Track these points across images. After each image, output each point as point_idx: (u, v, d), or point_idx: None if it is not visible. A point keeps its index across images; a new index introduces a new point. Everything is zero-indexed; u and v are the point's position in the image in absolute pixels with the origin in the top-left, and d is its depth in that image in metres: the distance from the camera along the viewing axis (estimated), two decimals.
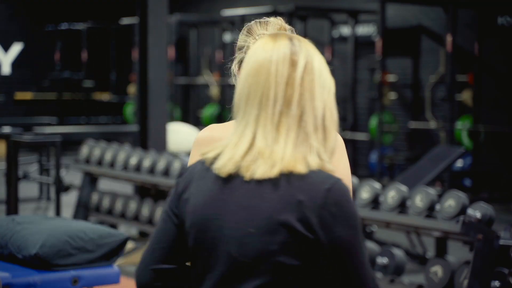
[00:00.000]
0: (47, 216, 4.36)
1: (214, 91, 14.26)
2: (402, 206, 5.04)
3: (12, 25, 16.26)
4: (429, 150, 8.51)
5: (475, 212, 4.53)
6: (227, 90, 13.78)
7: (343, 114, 12.53)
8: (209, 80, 14.48)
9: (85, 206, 7.55)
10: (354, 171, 11.47)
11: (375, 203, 5.19)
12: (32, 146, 10.41)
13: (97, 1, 17.20)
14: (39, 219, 4.11)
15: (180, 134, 9.43)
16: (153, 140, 7.82)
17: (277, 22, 2.28)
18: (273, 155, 1.76)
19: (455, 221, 4.63)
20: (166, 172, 6.77)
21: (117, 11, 16.47)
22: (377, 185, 5.26)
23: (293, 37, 1.85)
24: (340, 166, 2.27)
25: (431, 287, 4.84)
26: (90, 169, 7.55)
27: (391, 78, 11.70)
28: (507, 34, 10.62)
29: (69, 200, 8.72)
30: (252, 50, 1.85)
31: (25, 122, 11.16)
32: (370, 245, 5.34)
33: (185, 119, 14.59)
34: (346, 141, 3.05)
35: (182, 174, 1.88)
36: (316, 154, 1.78)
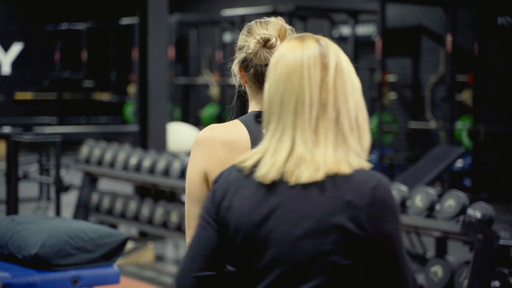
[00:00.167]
0: (47, 216, 4.36)
1: (214, 91, 14.26)
2: (402, 206, 5.03)
3: (12, 25, 16.26)
4: (429, 150, 8.50)
5: (475, 212, 4.53)
6: (227, 90, 13.78)
7: None
8: (209, 80, 14.47)
9: (85, 206, 7.55)
10: None
11: None
12: (32, 146, 10.41)
13: (97, 1, 17.20)
14: (39, 219, 4.11)
15: (180, 134, 9.42)
16: (153, 140, 7.81)
17: (277, 22, 2.28)
18: (315, 159, 1.78)
19: (455, 221, 4.63)
20: (166, 172, 6.77)
21: (117, 11, 16.47)
22: None
23: (319, 38, 1.86)
24: None
25: (431, 287, 4.84)
26: (90, 169, 7.55)
27: (391, 78, 11.71)
28: (507, 34, 10.62)
29: (69, 200, 8.72)
30: (279, 54, 1.85)
31: (25, 122, 11.17)
32: None
33: (185, 119, 14.59)
34: None
35: (217, 182, 1.88)
36: (355, 154, 1.83)
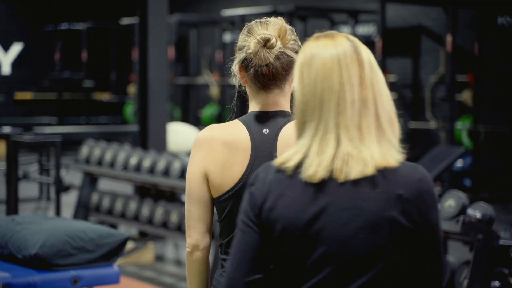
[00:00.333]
0: (47, 216, 4.36)
1: (214, 91, 14.26)
2: None
3: (12, 25, 16.26)
4: (429, 150, 8.50)
5: (475, 212, 4.53)
6: (227, 90, 13.78)
7: None
8: (209, 80, 14.47)
9: (85, 206, 7.55)
10: None
11: None
12: (32, 146, 10.41)
13: (97, 1, 17.20)
14: (39, 219, 4.11)
15: (180, 134, 9.42)
16: (153, 140, 7.81)
17: (277, 22, 2.28)
18: (362, 155, 1.80)
19: (455, 221, 4.63)
20: (166, 172, 6.77)
21: (117, 11, 16.47)
22: None
23: (347, 35, 1.89)
24: None
25: None
26: (90, 169, 7.55)
27: (391, 78, 11.71)
28: (507, 34, 10.62)
29: (69, 200, 8.72)
30: (311, 52, 1.86)
31: (25, 122, 11.17)
32: None
33: (185, 119, 14.59)
34: None
35: (253, 184, 1.88)
36: (395, 147, 1.85)
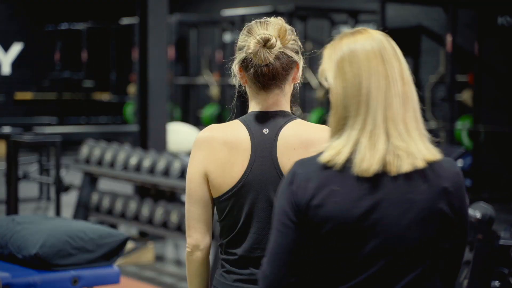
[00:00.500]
0: (47, 216, 4.35)
1: (214, 91, 14.26)
2: None
3: (12, 25, 16.26)
4: None
5: (475, 212, 4.53)
6: (227, 90, 13.78)
7: None
8: (209, 80, 14.47)
9: (85, 206, 7.55)
10: None
11: None
12: (32, 146, 10.41)
13: (97, 1, 17.20)
14: (39, 219, 4.11)
15: (180, 134, 9.42)
16: (153, 140, 7.81)
17: (277, 22, 2.28)
18: (411, 149, 1.84)
19: None
20: (166, 172, 6.76)
21: (117, 11, 16.47)
22: None
23: (377, 31, 1.93)
24: None
25: None
26: (90, 169, 7.55)
27: None
28: (507, 34, 10.62)
29: (69, 200, 8.72)
30: (350, 48, 1.88)
31: (25, 122, 11.17)
32: None
33: (185, 119, 14.59)
34: None
35: (292, 183, 1.87)
36: (430, 141, 1.91)
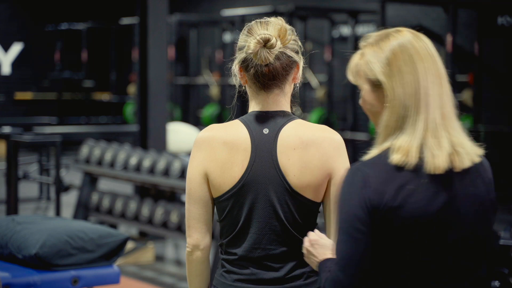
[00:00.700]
0: (47, 216, 4.35)
1: (214, 91, 14.26)
2: None
3: (12, 25, 16.25)
4: None
5: None
6: (227, 90, 13.77)
7: (343, 114, 12.52)
8: (209, 80, 14.47)
9: (85, 206, 7.55)
10: None
11: None
12: (32, 146, 10.41)
13: (97, 1, 17.20)
14: (39, 219, 4.11)
15: (180, 134, 9.42)
16: (153, 140, 7.81)
17: (277, 22, 2.28)
18: (465, 145, 1.92)
19: None
20: (166, 172, 6.76)
21: (117, 11, 16.47)
22: None
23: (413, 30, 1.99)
24: (340, 166, 2.27)
25: None
26: (90, 169, 7.55)
27: None
28: (507, 34, 10.62)
29: (69, 200, 8.72)
30: (402, 48, 1.92)
31: (25, 122, 11.16)
32: None
33: (185, 119, 14.58)
34: (346, 141, 3.05)
35: (366, 187, 1.90)
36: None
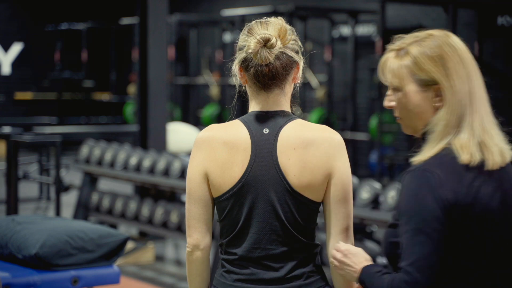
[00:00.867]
0: (47, 216, 4.35)
1: (214, 91, 14.26)
2: None
3: (12, 25, 16.25)
4: None
5: None
6: (227, 90, 13.77)
7: (343, 114, 12.53)
8: (209, 80, 14.47)
9: (85, 206, 7.55)
10: (354, 171, 11.46)
11: (375, 203, 5.19)
12: (32, 146, 10.40)
13: (97, 1, 17.20)
14: (39, 219, 4.11)
15: (180, 134, 9.42)
16: (153, 140, 7.81)
17: (278, 22, 2.28)
18: (501, 143, 2.05)
19: None
20: (166, 172, 6.77)
21: (117, 11, 16.47)
22: (377, 185, 5.26)
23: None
24: (340, 166, 2.27)
25: None
26: (90, 169, 7.55)
27: None
28: (507, 34, 10.62)
29: (69, 200, 8.72)
30: (456, 48, 2.01)
31: (25, 122, 11.16)
32: (370, 245, 5.33)
33: (185, 119, 14.58)
34: (346, 141, 3.05)
35: (441, 186, 1.93)
36: None
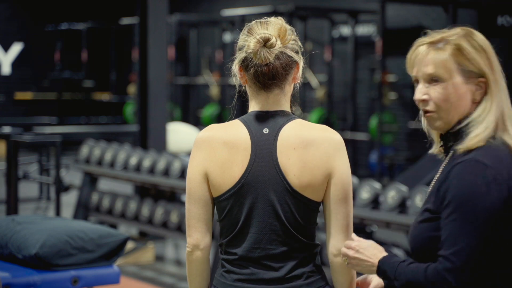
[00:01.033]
0: (47, 216, 4.35)
1: (214, 91, 14.26)
2: (402, 206, 5.03)
3: (12, 25, 16.25)
4: (429, 150, 8.49)
5: None
6: (227, 90, 13.78)
7: (343, 114, 12.53)
8: (209, 80, 14.47)
9: (85, 206, 7.55)
10: (354, 171, 11.46)
11: (375, 203, 5.19)
12: (32, 146, 10.40)
13: (97, 1, 17.20)
14: (39, 219, 4.11)
15: (180, 134, 9.42)
16: (153, 140, 7.81)
17: (277, 22, 2.28)
18: None
19: None
20: (166, 172, 6.77)
21: (117, 11, 16.47)
22: (377, 185, 5.26)
23: None
24: (340, 166, 2.27)
25: None
26: (90, 169, 7.55)
27: (391, 78, 11.70)
28: (507, 34, 10.62)
29: (69, 200, 8.71)
30: (488, 44, 2.13)
31: (25, 122, 11.16)
32: None
33: (185, 119, 14.58)
34: (346, 141, 3.05)
35: (499, 180, 2.01)
36: None
